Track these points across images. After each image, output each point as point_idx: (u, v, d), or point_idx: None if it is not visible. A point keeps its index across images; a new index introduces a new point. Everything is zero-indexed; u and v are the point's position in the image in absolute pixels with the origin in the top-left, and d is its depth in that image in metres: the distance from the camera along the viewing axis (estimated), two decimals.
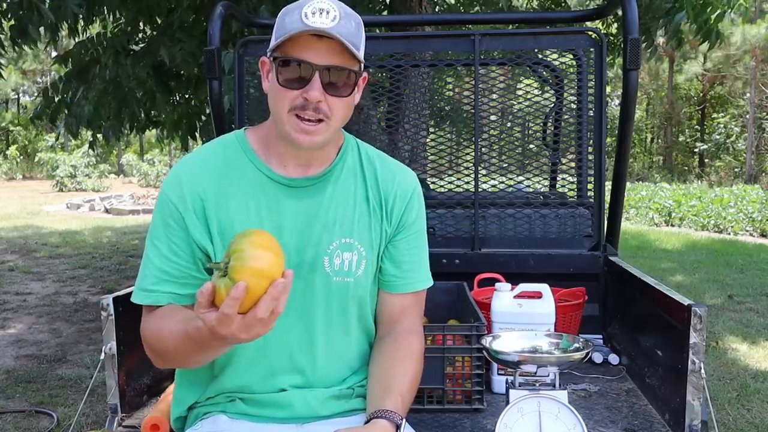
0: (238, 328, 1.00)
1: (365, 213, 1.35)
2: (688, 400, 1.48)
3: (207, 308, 1.02)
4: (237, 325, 1.00)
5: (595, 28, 2.42)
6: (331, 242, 1.32)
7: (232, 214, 1.29)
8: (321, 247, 1.31)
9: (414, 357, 1.35)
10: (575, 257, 2.32)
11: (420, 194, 1.43)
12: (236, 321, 1.00)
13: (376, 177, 1.38)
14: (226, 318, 0.99)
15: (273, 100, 1.27)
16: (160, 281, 1.28)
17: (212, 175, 1.31)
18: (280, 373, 1.32)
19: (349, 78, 1.24)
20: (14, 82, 29.74)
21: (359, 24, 1.25)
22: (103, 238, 10.13)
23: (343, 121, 1.29)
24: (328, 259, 1.31)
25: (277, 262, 1.02)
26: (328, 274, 1.31)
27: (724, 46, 19.49)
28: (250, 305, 1.00)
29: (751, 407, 3.49)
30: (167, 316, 1.24)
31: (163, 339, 1.22)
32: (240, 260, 0.99)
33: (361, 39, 1.26)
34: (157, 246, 1.29)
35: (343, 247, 1.32)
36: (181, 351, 1.19)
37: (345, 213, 1.34)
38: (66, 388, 3.73)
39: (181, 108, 6.10)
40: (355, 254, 1.33)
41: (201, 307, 1.02)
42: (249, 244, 1.01)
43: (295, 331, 1.31)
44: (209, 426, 1.31)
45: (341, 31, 1.19)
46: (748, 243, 9.60)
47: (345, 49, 1.21)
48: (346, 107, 1.28)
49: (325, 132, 1.25)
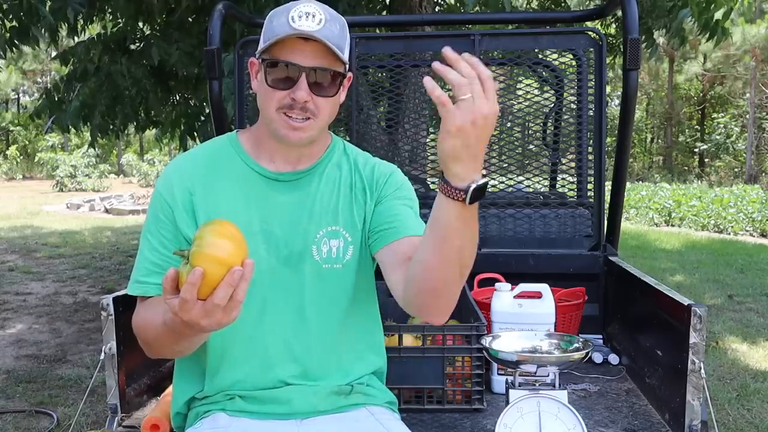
0: (198, 314, 1.03)
1: (348, 198, 1.39)
2: (688, 400, 1.48)
3: (171, 293, 1.05)
4: (197, 311, 1.02)
5: (595, 28, 2.42)
6: (318, 231, 1.36)
7: (221, 208, 1.33)
8: (309, 237, 1.35)
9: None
10: (575, 257, 2.32)
11: (402, 175, 1.43)
12: (196, 307, 1.02)
13: (358, 169, 1.42)
14: (185, 303, 1.01)
15: (261, 99, 1.32)
16: (150, 273, 1.32)
17: (202, 171, 1.37)
18: (277, 363, 1.34)
19: (334, 79, 1.30)
20: (14, 82, 29.71)
21: (344, 26, 1.31)
22: (102, 238, 10.13)
23: (329, 119, 1.35)
24: (316, 248, 1.35)
25: (236, 250, 1.03)
26: (317, 262, 1.35)
27: (724, 46, 19.51)
28: (209, 292, 1.02)
29: (751, 407, 3.49)
30: (152, 306, 1.28)
31: (147, 328, 1.27)
32: (199, 246, 1.02)
33: (345, 41, 1.31)
34: (149, 239, 1.34)
35: (329, 235, 1.36)
36: (160, 339, 1.23)
37: (330, 201, 1.38)
38: (66, 388, 3.73)
39: (179, 108, 6.10)
40: (341, 241, 1.37)
41: (166, 293, 1.05)
42: (210, 233, 1.04)
43: (289, 321, 1.34)
44: (209, 424, 1.32)
45: (326, 35, 1.25)
46: (748, 243, 9.60)
47: (330, 51, 1.26)
48: (332, 106, 1.33)
49: (312, 129, 1.31)
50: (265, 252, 1.33)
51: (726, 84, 25.05)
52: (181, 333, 1.13)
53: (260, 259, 1.27)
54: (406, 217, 1.36)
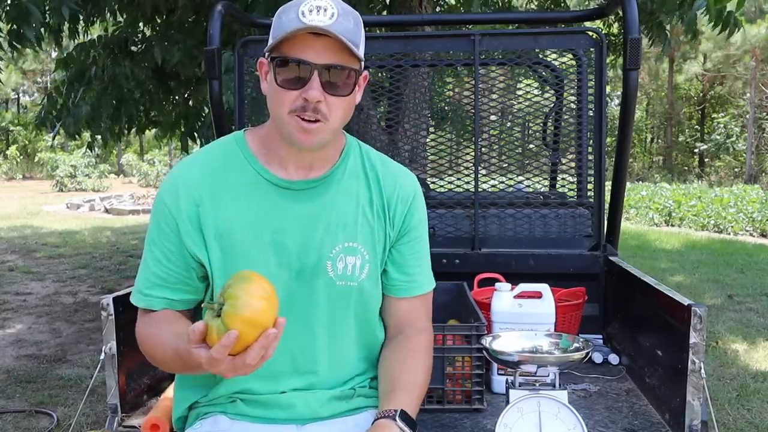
0: (226, 369, 1.03)
1: (368, 216, 1.34)
2: (688, 400, 1.48)
3: (197, 344, 1.03)
4: (225, 366, 1.02)
5: (595, 28, 2.41)
6: (335, 246, 1.30)
7: (230, 220, 1.27)
8: (324, 251, 1.29)
9: (421, 351, 1.36)
10: (575, 257, 2.32)
11: (421, 197, 1.42)
12: (225, 363, 1.01)
13: (378, 180, 1.36)
14: (215, 361, 1.01)
15: (272, 101, 1.25)
16: (154, 285, 1.29)
17: (209, 179, 1.29)
18: (282, 377, 1.32)
19: (349, 77, 1.22)
20: (14, 82, 29.72)
21: (358, 21, 1.23)
22: (102, 238, 10.13)
23: (343, 122, 1.27)
24: (331, 264, 1.29)
25: (270, 310, 1.03)
26: (331, 279, 1.30)
27: (724, 46, 19.50)
28: (240, 350, 1.01)
29: (751, 407, 3.49)
30: (161, 325, 1.26)
31: (154, 347, 1.25)
32: (233, 307, 1.00)
33: (360, 37, 1.24)
34: (152, 249, 1.30)
35: (346, 251, 1.30)
36: (169, 364, 1.22)
37: (348, 216, 1.31)
38: (66, 388, 3.73)
39: (180, 108, 6.10)
40: (359, 258, 1.31)
41: (192, 342, 1.03)
42: (243, 292, 1.02)
43: (297, 336, 1.29)
44: (209, 426, 1.31)
45: (340, 29, 1.16)
46: (748, 243, 9.60)
47: (344, 47, 1.18)
48: (347, 107, 1.26)
49: (324, 132, 1.23)
50: (275, 265, 1.27)
51: (726, 84, 25.06)
52: (195, 368, 1.11)
53: (270, 273, 1.22)
54: (422, 268, 1.41)
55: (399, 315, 1.40)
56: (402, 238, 1.38)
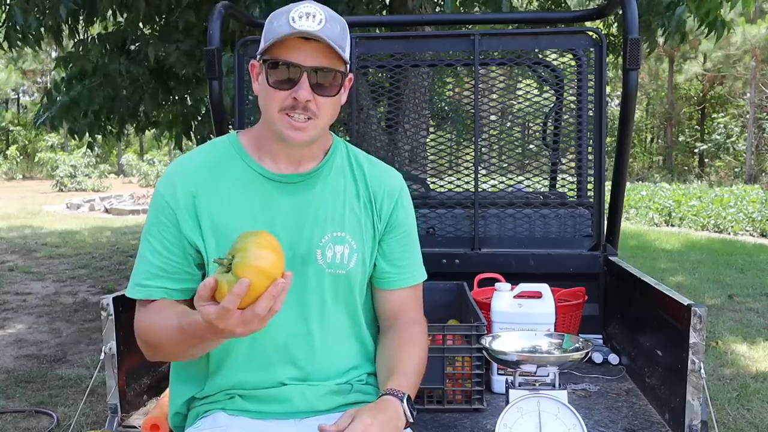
0: (236, 323, 1.04)
1: (355, 209, 1.40)
2: (688, 400, 1.48)
3: (207, 301, 1.05)
4: (235, 319, 1.04)
5: (595, 28, 2.41)
6: (324, 235, 1.36)
7: (225, 211, 1.33)
8: (313, 241, 1.36)
9: (416, 342, 1.40)
10: (575, 257, 2.32)
11: (407, 194, 1.48)
12: (235, 316, 1.03)
13: (364, 176, 1.43)
14: (226, 312, 1.03)
15: (263, 100, 1.32)
16: (153, 276, 1.32)
17: (205, 173, 1.36)
18: (277, 365, 1.34)
19: (336, 78, 1.30)
20: (14, 82, 29.71)
21: (344, 27, 1.31)
22: (102, 238, 10.13)
23: (330, 119, 1.35)
24: (321, 252, 1.36)
25: (279, 262, 1.06)
26: (321, 267, 1.35)
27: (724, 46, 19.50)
28: (249, 302, 1.03)
29: (751, 407, 3.49)
30: (161, 310, 1.29)
31: (156, 332, 1.27)
32: (244, 258, 1.03)
33: (346, 41, 1.32)
34: (151, 242, 1.34)
35: (335, 240, 1.37)
36: (174, 344, 1.23)
37: (335, 208, 1.39)
38: (66, 388, 3.73)
39: (176, 108, 6.09)
40: (347, 247, 1.37)
41: (201, 299, 1.06)
42: (253, 244, 1.05)
43: (290, 324, 1.34)
44: (209, 423, 1.33)
45: (327, 34, 1.25)
46: (748, 243, 9.60)
47: (331, 50, 1.26)
48: (334, 106, 1.34)
49: (314, 129, 1.31)
50: None
51: (726, 84, 25.06)
52: (203, 338, 1.14)
53: None
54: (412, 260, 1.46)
55: (391, 307, 1.45)
56: (390, 232, 1.44)
